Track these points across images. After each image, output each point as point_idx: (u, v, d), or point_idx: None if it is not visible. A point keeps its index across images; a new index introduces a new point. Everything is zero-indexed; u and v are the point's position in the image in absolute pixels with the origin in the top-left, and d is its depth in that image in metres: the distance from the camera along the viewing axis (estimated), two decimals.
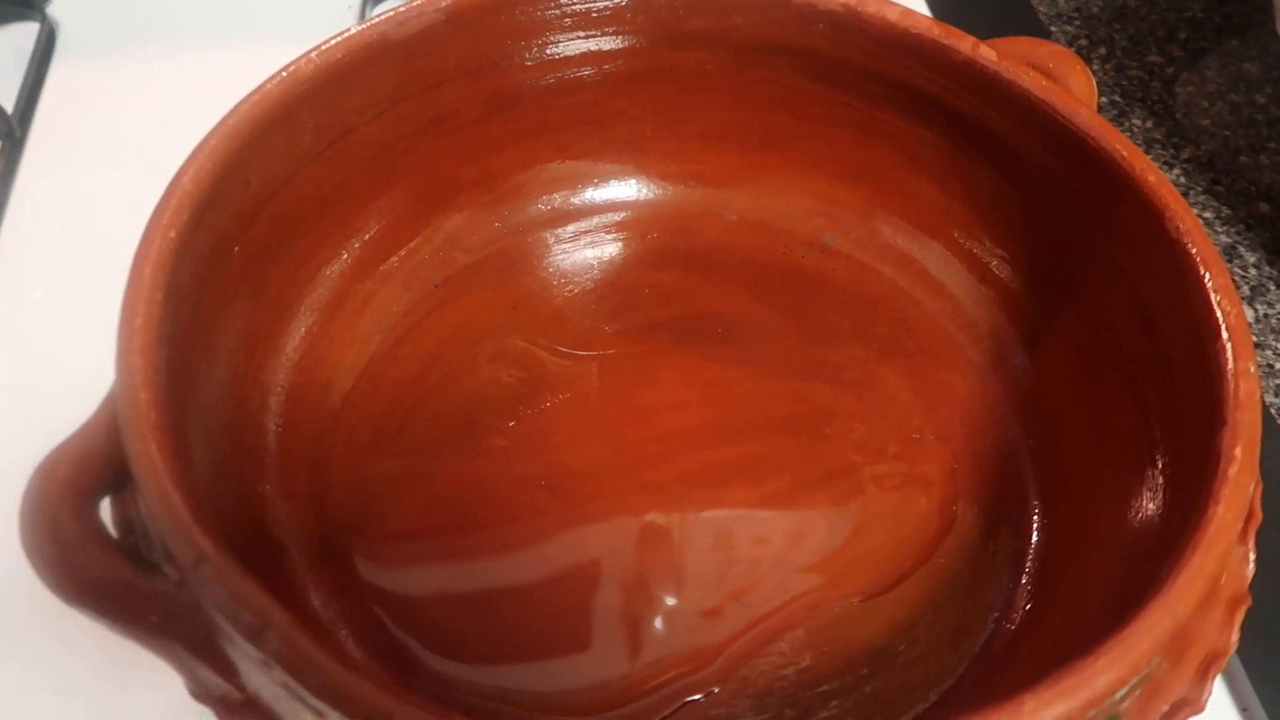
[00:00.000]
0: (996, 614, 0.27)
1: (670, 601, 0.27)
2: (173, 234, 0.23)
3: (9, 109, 0.40)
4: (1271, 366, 0.36)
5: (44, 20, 0.45)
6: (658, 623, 0.27)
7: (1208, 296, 0.23)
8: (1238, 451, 0.21)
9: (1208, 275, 0.24)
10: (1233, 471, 0.20)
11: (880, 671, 0.26)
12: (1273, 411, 0.35)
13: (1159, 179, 0.25)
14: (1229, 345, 0.22)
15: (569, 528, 0.28)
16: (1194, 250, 0.24)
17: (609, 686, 0.26)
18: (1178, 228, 0.24)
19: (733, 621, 0.27)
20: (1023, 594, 0.27)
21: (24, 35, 0.44)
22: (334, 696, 0.18)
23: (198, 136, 0.25)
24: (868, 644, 0.27)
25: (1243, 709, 0.29)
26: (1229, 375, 0.22)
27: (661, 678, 0.26)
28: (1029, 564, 0.28)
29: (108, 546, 0.20)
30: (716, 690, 0.26)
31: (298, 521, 0.28)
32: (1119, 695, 0.19)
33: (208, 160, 0.24)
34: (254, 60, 0.29)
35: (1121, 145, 0.26)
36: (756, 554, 0.28)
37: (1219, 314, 0.23)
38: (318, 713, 0.18)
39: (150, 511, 0.20)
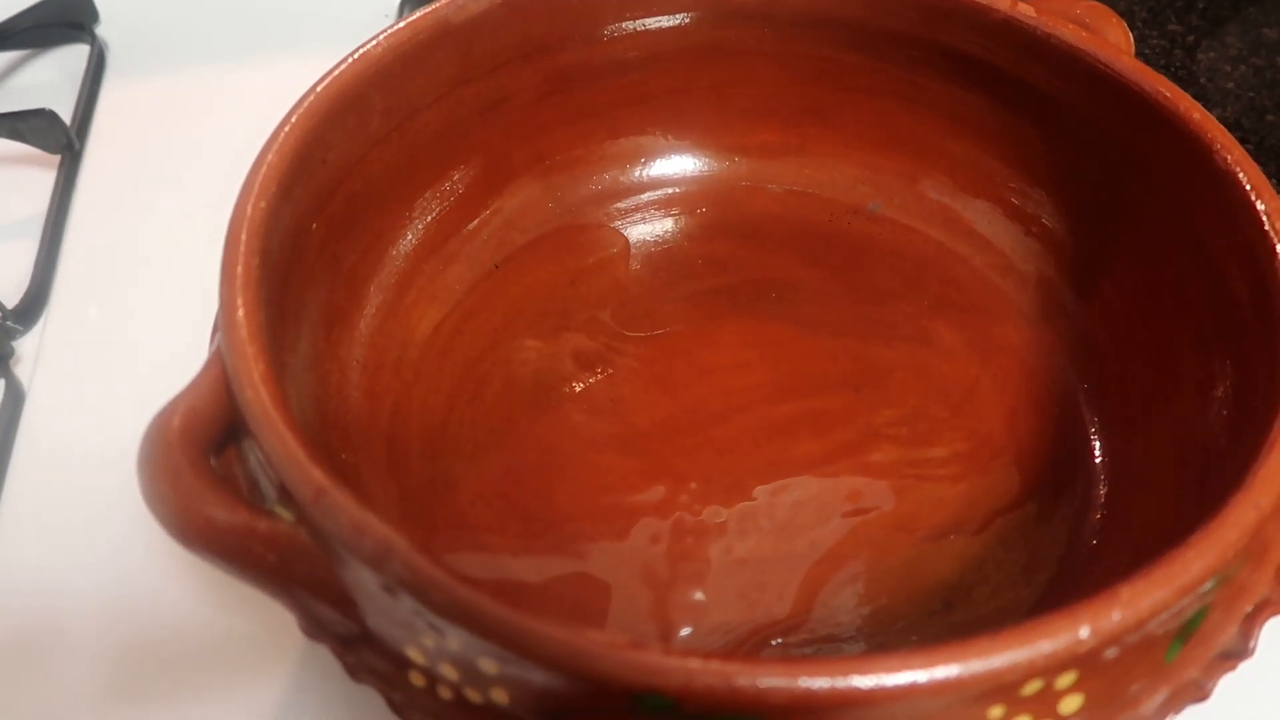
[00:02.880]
0: (1064, 548, 0.28)
1: (744, 549, 0.28)
2: (263, 204, 0.24)
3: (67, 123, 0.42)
4: None
5: (94, 41, 0.46)
6: (734, 571, 0.28)
7: (1260, 220, 0.24)
8: None
9: (1259, 201, 0.24)
10: None
11: (956, 606, 0.27)
12: None
13: (1204, 115, 0.26)
14: None
15: (641, 487, 0.29)
16: (1244, 178, 0.25)
17: (690, 638, 0.27)
18: (1226, 159, 0.25)
19: (806, 563, 0.28)
20: (1090, 527, 0.28)
21: (76, 56, 0.46)
22: (457, 611, 0.18)
23: (243, 143, 0.26)
24: (941, 582, 0.28)
25: None
26: None
27: (742, 626, 0.27)
28: (1095, 499, 0.28)
29: (225, 492, 0.21)
30: (796, 631, 0.27)
31: (380, 490, 0.29)
32: (1207, 586, 0.19)
33: (291, 136, 0.26)
34: (295, 70, 0.30)
35: (1164, 86, 0.27)
36: (826, 501, 0.29)
37: (1273, 234, 0.24)
38: (437, 631, 0.19)
39: (267, 453, 0.21)
